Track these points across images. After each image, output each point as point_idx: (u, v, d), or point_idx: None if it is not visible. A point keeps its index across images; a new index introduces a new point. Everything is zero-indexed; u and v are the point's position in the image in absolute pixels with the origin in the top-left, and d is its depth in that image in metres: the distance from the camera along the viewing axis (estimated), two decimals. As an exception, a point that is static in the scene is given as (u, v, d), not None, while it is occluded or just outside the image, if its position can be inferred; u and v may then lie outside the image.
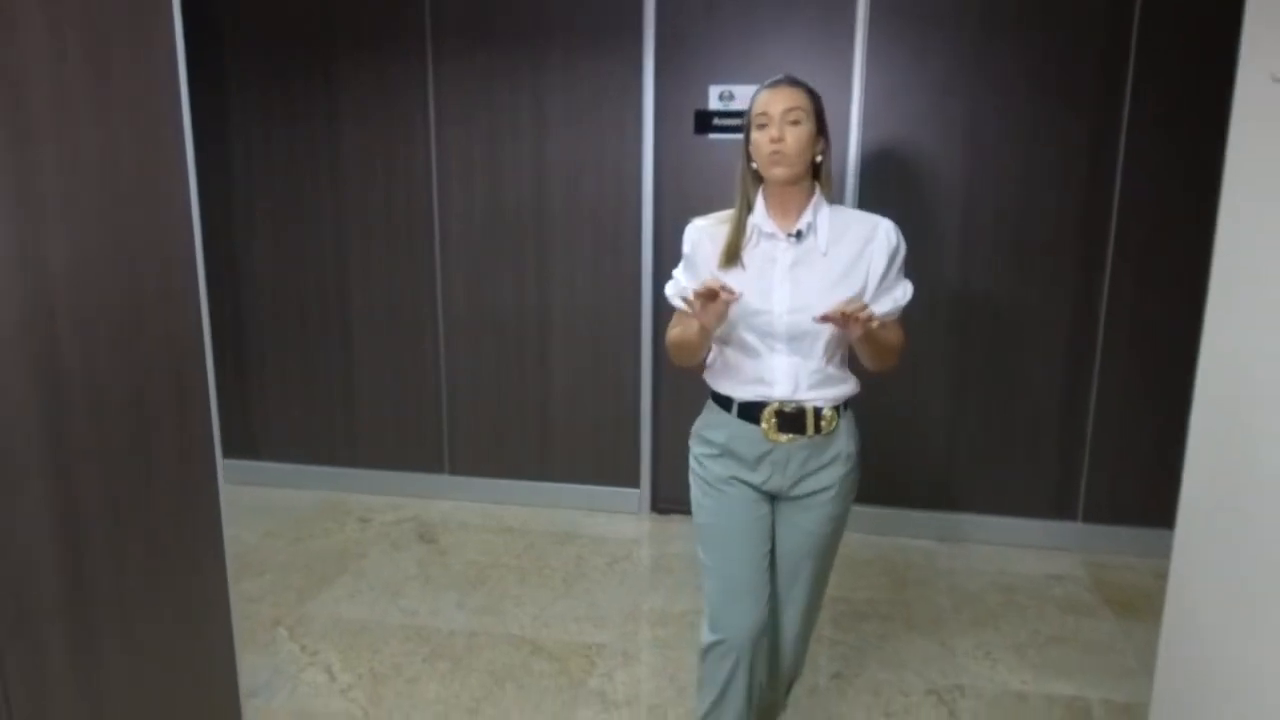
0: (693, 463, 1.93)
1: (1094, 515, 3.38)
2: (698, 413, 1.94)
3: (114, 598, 1.63)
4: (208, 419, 1.85)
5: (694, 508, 1.93)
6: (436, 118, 3.62)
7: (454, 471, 3.88)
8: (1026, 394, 3.34)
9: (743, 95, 3.41)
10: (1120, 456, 3.32)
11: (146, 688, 1.73)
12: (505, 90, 3.56)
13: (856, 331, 1.63)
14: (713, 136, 3.48)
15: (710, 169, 3.47)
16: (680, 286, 1.87)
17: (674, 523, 3.64)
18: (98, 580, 1.59)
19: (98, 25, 1.53)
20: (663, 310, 3.45)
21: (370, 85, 3.63)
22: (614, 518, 3.70)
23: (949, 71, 3.20)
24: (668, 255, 3.52)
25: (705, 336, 1.75)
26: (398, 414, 3.88)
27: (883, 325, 1.71)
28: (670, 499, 3.71)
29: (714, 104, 3.47)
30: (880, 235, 1.78)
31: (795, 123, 1.71)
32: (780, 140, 1.69)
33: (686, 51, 3.44)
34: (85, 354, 1.55)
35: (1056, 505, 3.41)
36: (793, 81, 1.76)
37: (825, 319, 1.62)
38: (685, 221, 1.89)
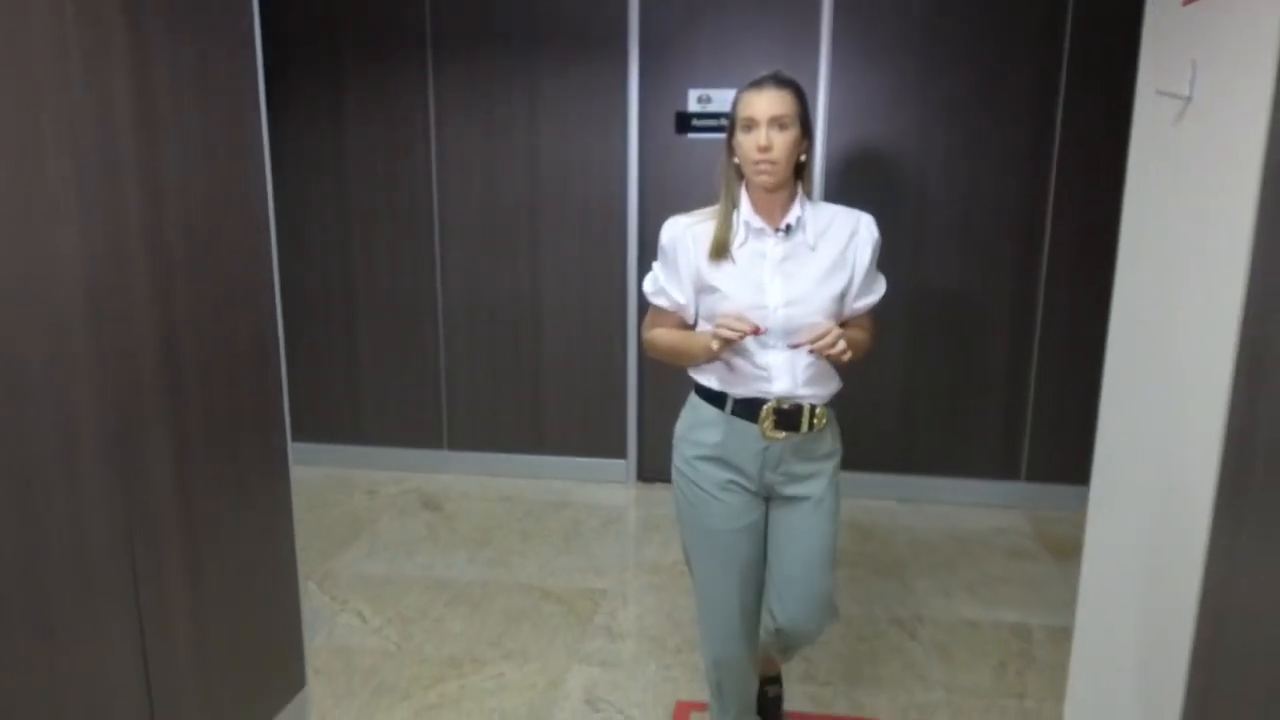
0: (681, 465, 1.87)
1: (1035, 475, 3.78)
2: (680, 387, 1.94)
3: (212, 525, 1.91)
4: (278, 374, 2.14)
5: (680, 513, 1.90)
6: (436, 118, 3.91)
7: (453, 447, 4.17)
8: (975, 368, 3.74)
9: (719, 98, 3.75)
10: (1058, 422, 3.73)
11: (239, 609, 2.01)
12: (500, 93, 3.85)
13: (826, 351, 1.68)
14: (692, 136, 3.82)
15: (690, 166, 3.81)
16: (660, 287, 1.86)
17: (659, 490, 3.97)
18: (202, 506, 1.88)
19: (193, 22, 1.82)
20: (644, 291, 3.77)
21: (374, 88, 3.90)
22: (603, 487, 4.02)
23: (904, 83, 3.57)
24: (651, 245, 3.80)
25: (709, 356, 1.75)
26: (400, 394, 4.15)
27: (859, 327, 1.84)
28: (655, 469, 4.04)
29: (693, 106, 3.80)
30: (863, 229, 1.81)
31: (782, 127, 1.69)
32: (768, 149, 1.67)
33: (667, 57, 3.77)
34: (196, 325, 1.83)
35: (1003, 467, 3.81)
36: (779, 82, 1.72)
37: (798, 346, 1.70)
38: (666, 210, 1.90)
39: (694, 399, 1.87)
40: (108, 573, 1.63)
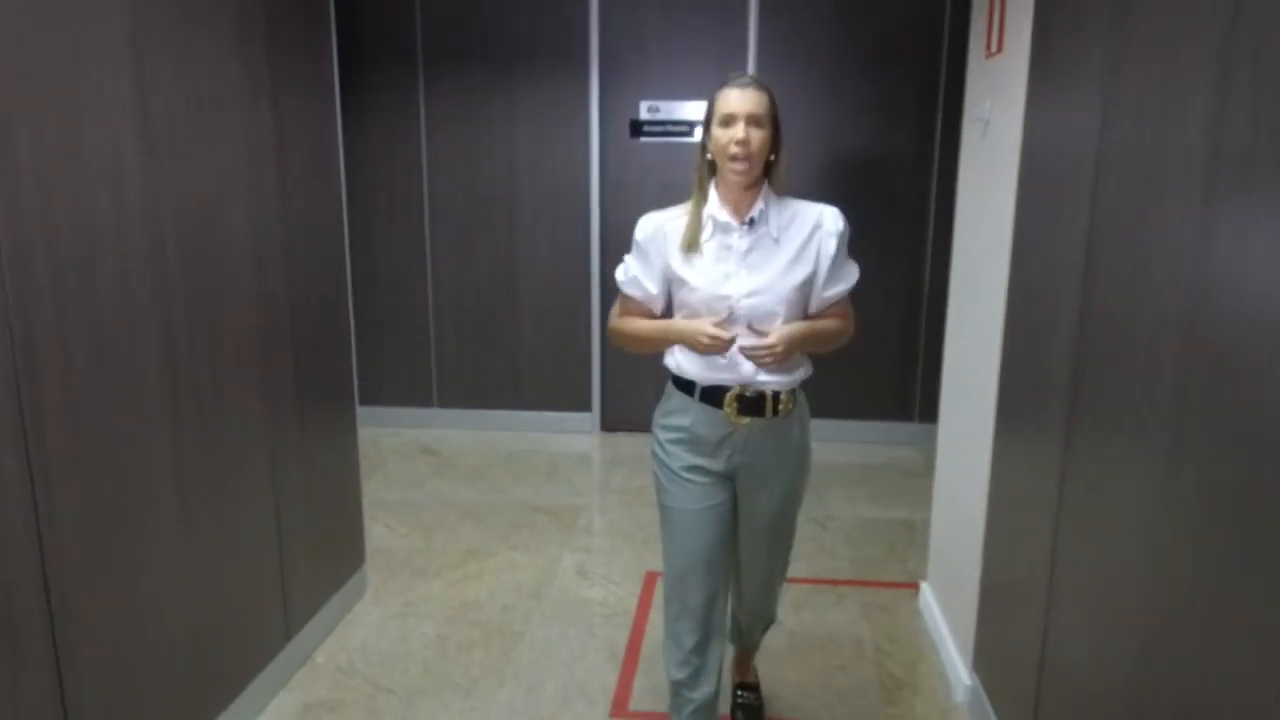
0: (655, 447, 1.97)
1: (926, 416, 4.65)
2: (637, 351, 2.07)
3: (316, 437, 2.60)
4: (348, 332, 2.83)
5: (657, 490, 2.00)
6: (426, 123, 4.59)
7: (442, 405, 4.86)
8: (875, 329, 4.58)
9: (666, 108, 4.52)
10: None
11: (326, 501, 2.69)
12: (482, 102, 4.55)
13: (767, 362, 1.79)
14: (643, 140, 4.57)
15: (641, 164, 4.56)
16: (633, 276, 1.95)
17: (619, 437, 4.72)
18: (312, 423, 2.56)
19: (305, 63, 2.50)
20: (607, 272, 4.52)
21: (374, 98, 4.56)
22: (573, 436, 4.75)
23: (816, 94, 4.39)
24: (610, 228, 4.59)
25: (667, 346, 1.87)
26: (395, 358, 4.81)
27: (832, 316, 1.95)
28: (615, 419, 4.79)
29: (644, 115, 4.56)
30: (828, 221, 1.90)
31: (759, 125, 1.78)
32: (745, 142, 1.76)
33: (623, 74, 4.52)
34: (291, 285, 2.51)
35: (899, 410, 4.67)
36: (759, 85, 1.81)
37: (742, 349, 1.79)
38: (623, 202, 2.45)
39: (669, 386, 1.96)
40: (254, 465, 2.31)
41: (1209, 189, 1.31)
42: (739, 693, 2.35)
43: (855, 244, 2.05)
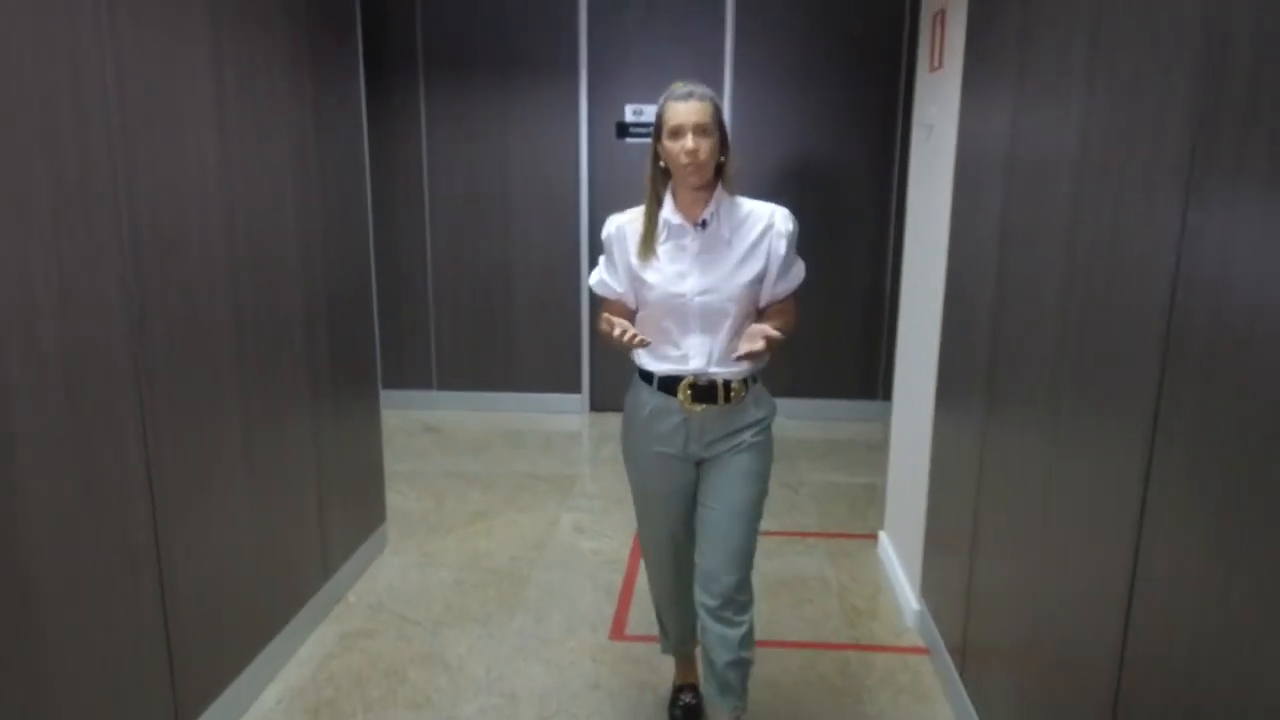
0: (624, 432, 2.14)
1: (889, 395, 5.04)
2: None
3: (335, 404, 2.95)
4: (372, 313, 3.18)
5: (627, 473, 2.19)
6: (427, 125, 4.93)
7: (441, 388, 5.20)
8: (841, 314, 4.98)
9: (649, 111, 4.89)
10: (904, 355, 5.02)
11: (355, 462, 3.04)
12: (479, 105, 4.91)
13: (760, 345, 1.80)
14: (628, 140, 4.94)
15: (627, 163, 4.92)
16: (601, 279, 2.09)
17: (608, 416, 5.09)
18: (344, 393, 2.91)
19: (336, 78, 2.85)
20: (596, 262, 4.90)
21: (379, 102, 4.89)
22: (565, 415, 5.12)
23: (789, 101, 4.79)
24: (598, 223, 4.88)
25: (619, 346, 1.86)
26: (397, 344, 5.15)
27: (781, 312, 2.02)
28: (604, 400, 5.16)
29: (629, 117, 4.94)
30: (778, 221, 1.98)
31: (705, 134, 1.86)
32: (695, 152, 1.85)
33: (609, 79, 4.89)
34: (328, 275, 2.85)
35: (864, 389, 5.08)
36: (701, 95, 1.88)
37: (743, 357, 1.82)
38: (610, 198, 2.68)
39: (635, 377, 2.10)
40: (300, 431, 2.66)
41: (1078, 183, 1.71)
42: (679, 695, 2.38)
43: (826, 240, 2.36)
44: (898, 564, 3.12)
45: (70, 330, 1.68)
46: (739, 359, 1.85)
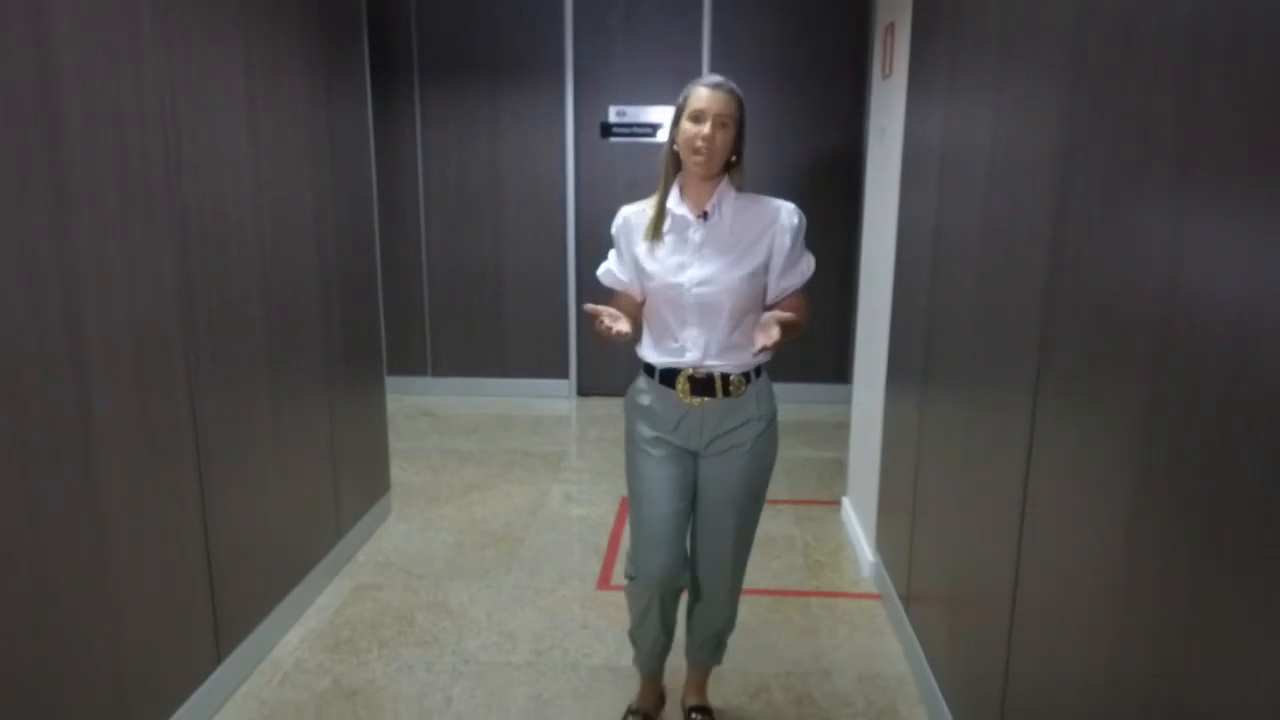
0: (626, 423, 2.13)
1: (857, 379, 5.38)
2: None
3: (346, 382, 3.24)
4: (378, 299, 3.47)
5: (626, 461, 2.13)
6: (421, 123, 5.22)
7: (436, 374, 5.49)
8: (816, 304, 5.29)
9: (632, 112, 5.20)
10: (871, 341, 5.35)
11: (363, 435, 3.34)
12: (470, 107, 5.20)
13: (775, 334, 1.76)
14: (612, 140, 5.25)
15: (610, 162, 5.24)
16: (607, 269, 2.10)
17: (594, 400, 5.40)
18: (342, 375, 3.21)
19: (347, 83, 3.14)
20: (581, 256, 5.22)
21: (375, 102, 5.16)
22: (553, 400, 5.42)
23: (764, 102, 5.09)
24: (583, 218, 5.26)
25: (610, 339, 1.83)
26: (396, 333, 5.44)
27: (788, 307, 1.96)
28: (590, 385, 5.47)
29: (613, 118, 5.24)
30: (783, 216, 1.99)
31: (724, 126, 1.90)
32: (710, 138, 1.87)
33: (593, 82, 5.20)
34: (340, 264, 3.14)
35: (835, 374, 5.41)
36: (730, 89, 1.93)
37: (760, 350, 1.77)
38: (594, 195, 2.87)
39: (641, 370, 2.10)
40: (317, 404, 2.95)
41: (989, 180, 2.03)
42: (692, 715, 2.33)
43: None
44: (857, 524, 3.45)
45: (135, 302, 1.97)
46: (757, 354, 1.80)
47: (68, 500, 1.78)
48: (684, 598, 2.24)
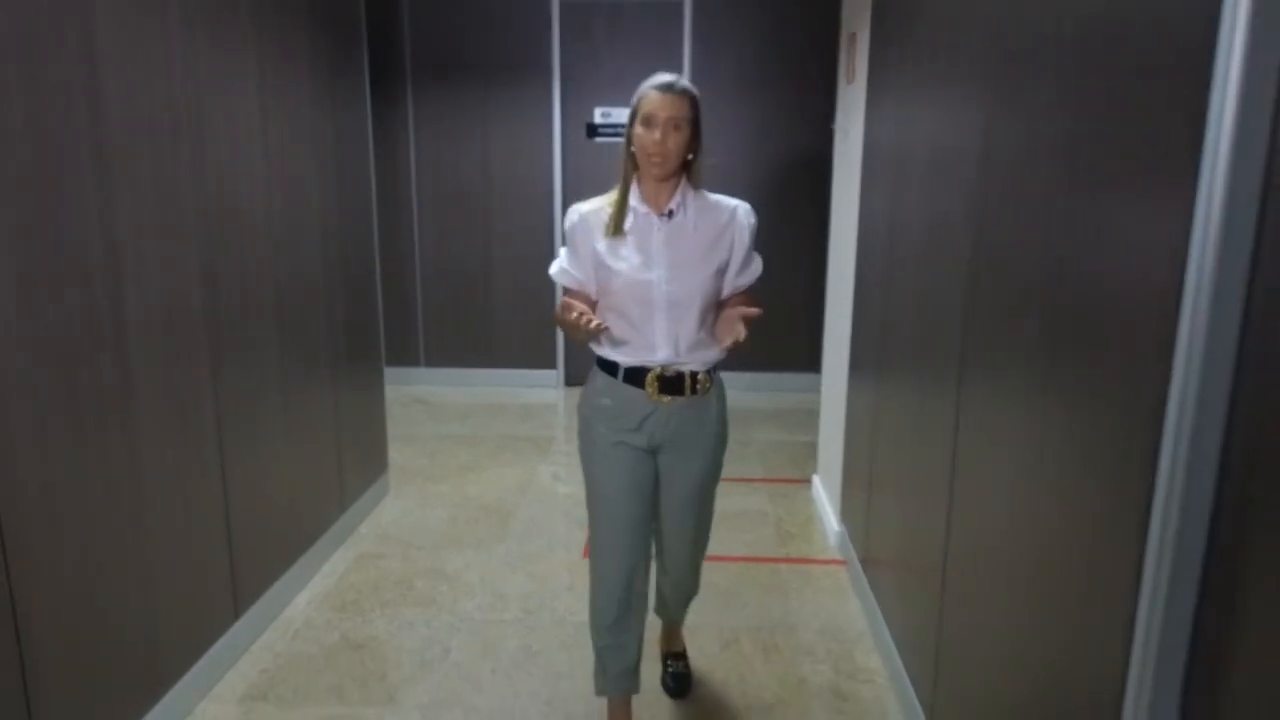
0: (581, 425, 2.08)
1: (832, 368, 5.65)
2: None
3: (348, 365, 3.47)
4: (377, 290, 3.71)
5: (582, 465, 2.09)
6: (414, 125, 5.45)
7: (428, 364, 5.72)
8: (790, 296, 5.56)
9: (617, 113, 5.44)
10: (845, 332, 5.61)
11: (364, 419, 3.57)
12: (461, 107, 5.43)
13: (742, 331, 1.81)
14: (598, 140, 5.49)
15: (596, 161, 5.48)
16: (562, 268, 2.05)
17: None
18: (345, 362, 3.44)
19: (348, 91, 3.37)
20: (570, 250, 5.45)
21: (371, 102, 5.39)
22: (542, 390, 5.66)
23: (740, 104, 5.36)
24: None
25: (585, 336, 1.85)
26: (390, 325, 5.66)
27: (741, 304, 2.00)
28: (577, 375, 5.70)
29: (598, 119, 5.48)
30: (740, 215, 2.02)
31: (677, 128, 1.87)
32: (662, 144, 1.86)
33: (580, 84, 5.44)
34: (342, 260, 3.37)
35: (808, 363, 5.67)
36: (680, 91, 1.89)
37: (734, 345, 1.82)
38: (581, 193, 2.35)
39: (594, 368, 2.06)
40: (322, 390, 3.18)
41: (929, 176, 2.28)
42: (668, 662, 2.47)
43: (774, 228, 2.84)
44: (825, 499, 3.70)
45: (166, 283, 2.20)
46: (726, 349, 1.86)
47: (111, 466, 2.01)
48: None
